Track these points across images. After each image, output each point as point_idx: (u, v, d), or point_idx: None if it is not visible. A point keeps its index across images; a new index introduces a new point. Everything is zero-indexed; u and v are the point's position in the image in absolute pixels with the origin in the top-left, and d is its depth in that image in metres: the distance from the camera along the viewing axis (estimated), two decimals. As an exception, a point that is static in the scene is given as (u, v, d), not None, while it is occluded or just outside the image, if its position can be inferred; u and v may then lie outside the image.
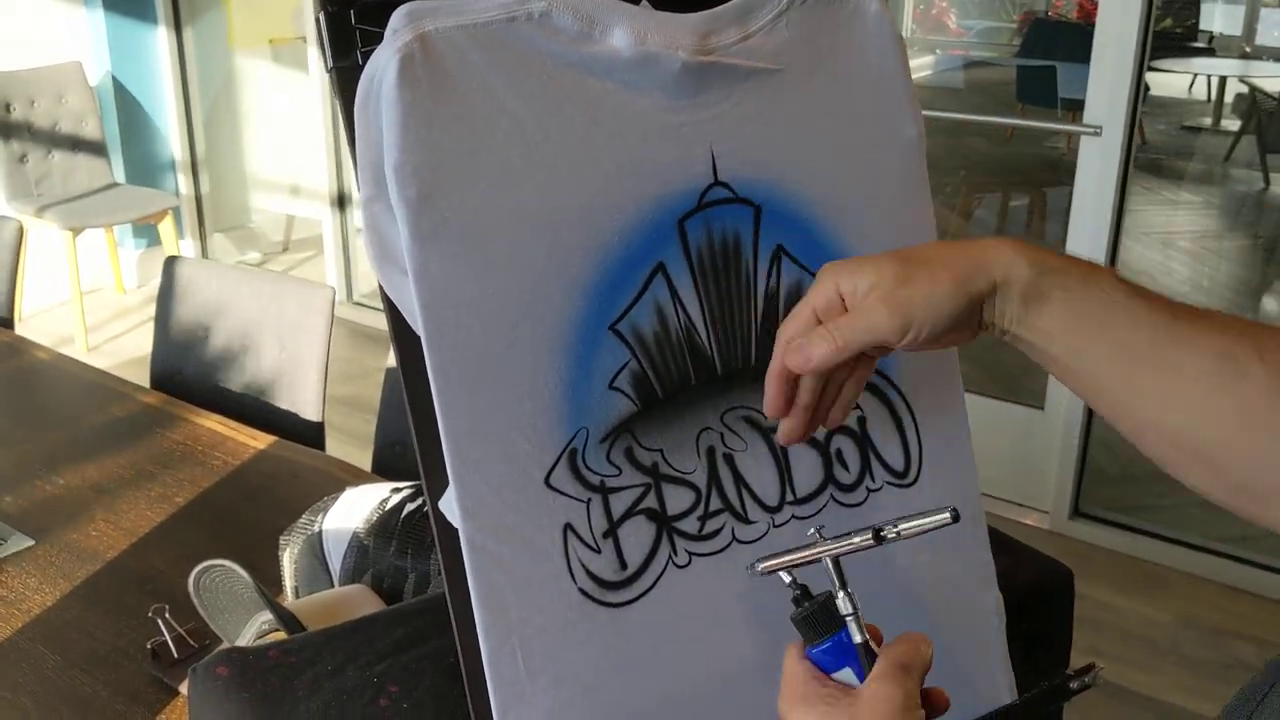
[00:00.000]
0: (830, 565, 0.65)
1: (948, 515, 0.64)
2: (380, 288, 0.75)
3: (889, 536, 0.65)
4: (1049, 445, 3.01)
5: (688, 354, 0.80)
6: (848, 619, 0.64)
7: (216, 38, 4.83)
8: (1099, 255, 2.90)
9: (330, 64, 0.73)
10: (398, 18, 0.70)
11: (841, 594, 0.64)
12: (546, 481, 0.75)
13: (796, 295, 0.83)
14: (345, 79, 0.73)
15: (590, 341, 0.76)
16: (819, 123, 0.84)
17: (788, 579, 0.66)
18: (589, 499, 0.76)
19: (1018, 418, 3.09)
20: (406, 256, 0.70)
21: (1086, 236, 2.89)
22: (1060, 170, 3.80)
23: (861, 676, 0.63)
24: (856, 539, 0.65)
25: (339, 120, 0.79)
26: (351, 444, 2.58)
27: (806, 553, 0.67)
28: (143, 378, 2.25)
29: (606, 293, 0.76)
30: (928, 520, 0.65)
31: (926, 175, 0.88)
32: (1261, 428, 0.59)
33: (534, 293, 0.74)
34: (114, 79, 4.54)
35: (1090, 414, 2.94)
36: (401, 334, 0.73)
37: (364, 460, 1.97)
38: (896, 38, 0.86)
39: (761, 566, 0.69)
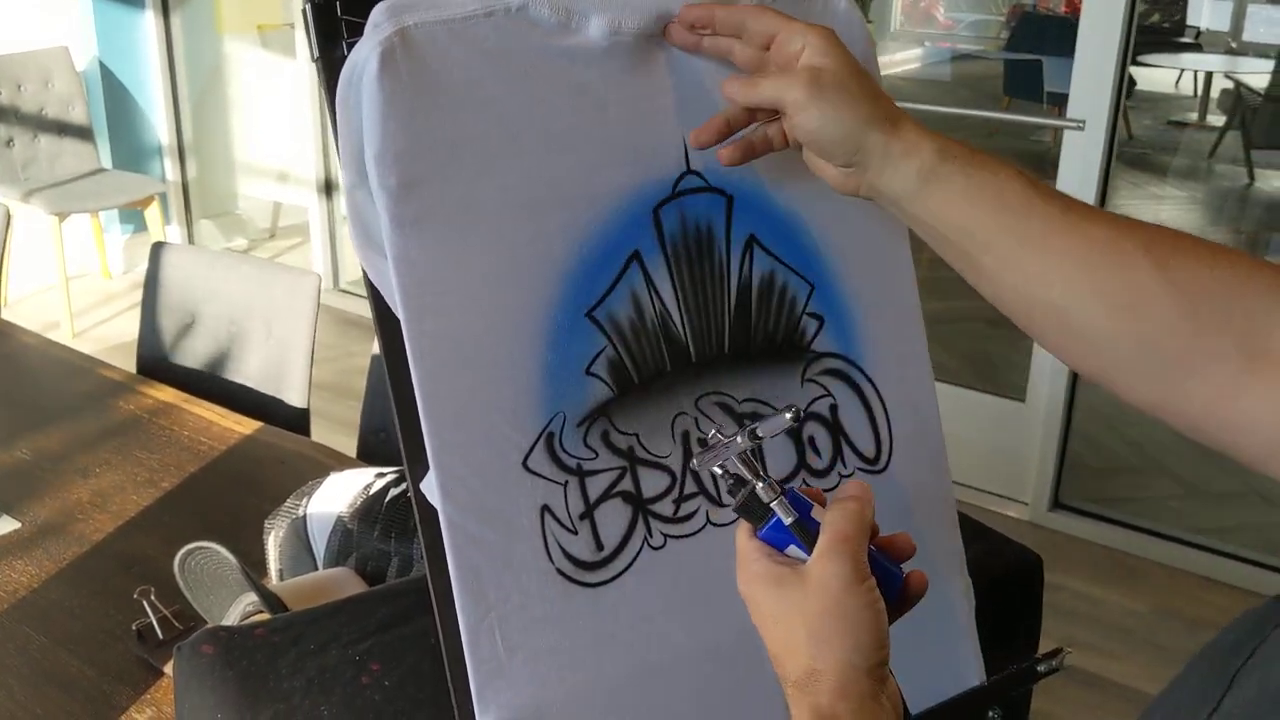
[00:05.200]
0: (738, 463, 0.68)
1: (788, 415, 0.69)
2: (364, 273, 0.76)
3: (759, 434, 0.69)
4: (1029, 437, 3.03)
5: (663, 341, 0.81)
6: (772, 505, 0.66)
7: (204, 23, 4.82)
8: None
9: (316, 54, 0.75)
10: (378, 12, 0.72)
11: (760, 484, 0.67)
12: (524, 464, 0.77)
13: (769, 284, 0.85)
14: (330, 69, 0.74)
15: (568, 328, 0.77)
16: (793, 115, 0.85)
17: (719, 472, 0.69)
18: (566, 481, 0.78)
19: (999, 410, 3.11)
20: (386, 243, 0.72)
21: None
22: (1046, 163, 3.83)
23: (807, 551, 0.64)
24: (739, 439, 0.68)
25: (326, 107, 0.81)
26: (336, 430, 2.59)
27: (714, 451, 0.70)
28: (129, 363, 2.26)
29: (584, 280, 0.78)
30: (776, 420, 0.69)
31: None
32: (1143, 312, 0.62)
33: (512, 279, 0.75)
34: (101, 64, 4.53)
35: (1071, 407, 2.96)
36: (384, 318, 0.75)
37: (349, 446, 1.99)
38: (866, 33, 0.88)
39: (694, 463, 0.77)
